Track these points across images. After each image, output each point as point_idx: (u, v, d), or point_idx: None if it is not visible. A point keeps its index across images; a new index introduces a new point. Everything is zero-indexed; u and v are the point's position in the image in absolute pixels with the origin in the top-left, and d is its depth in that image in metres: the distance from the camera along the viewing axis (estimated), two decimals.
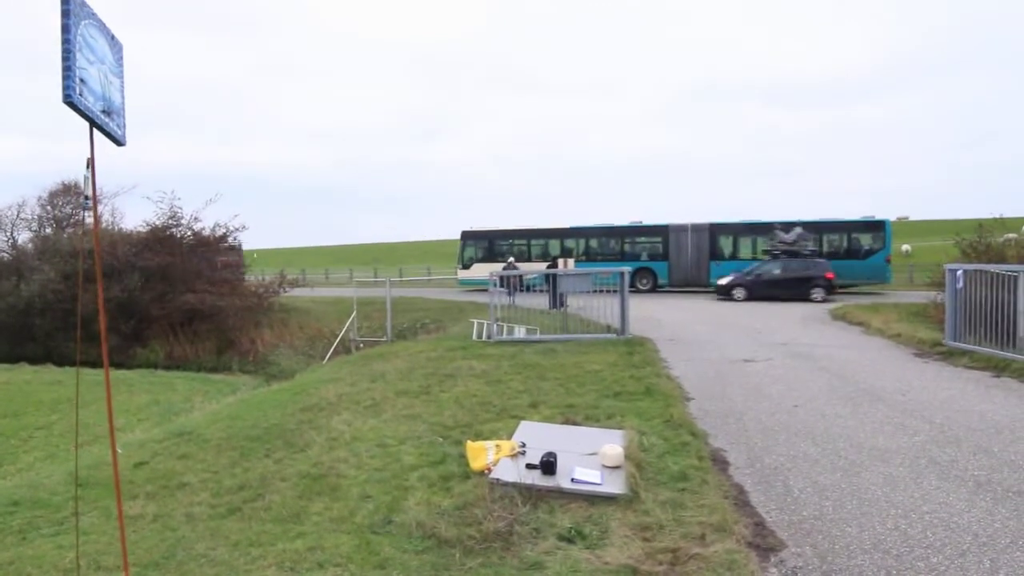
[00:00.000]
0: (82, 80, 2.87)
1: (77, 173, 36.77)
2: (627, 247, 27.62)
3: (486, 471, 5.03)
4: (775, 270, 22.34)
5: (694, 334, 13.46)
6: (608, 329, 12.68)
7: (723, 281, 22.93)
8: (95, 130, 3.08)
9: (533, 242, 29.23)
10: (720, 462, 5.48)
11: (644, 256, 27.10)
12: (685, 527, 4.08)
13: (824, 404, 7.32)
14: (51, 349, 23.17)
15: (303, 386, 10.09)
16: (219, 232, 25.87)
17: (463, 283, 30.24)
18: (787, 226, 23.50)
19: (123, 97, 3.30)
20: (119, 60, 3.27)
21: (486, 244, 29.92)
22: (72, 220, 34.17)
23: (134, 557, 4.15)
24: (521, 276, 16.55)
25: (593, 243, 27.99)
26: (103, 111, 3.07)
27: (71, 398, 14.74)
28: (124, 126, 3.29)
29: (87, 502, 5.30)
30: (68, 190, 34.47)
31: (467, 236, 30.23)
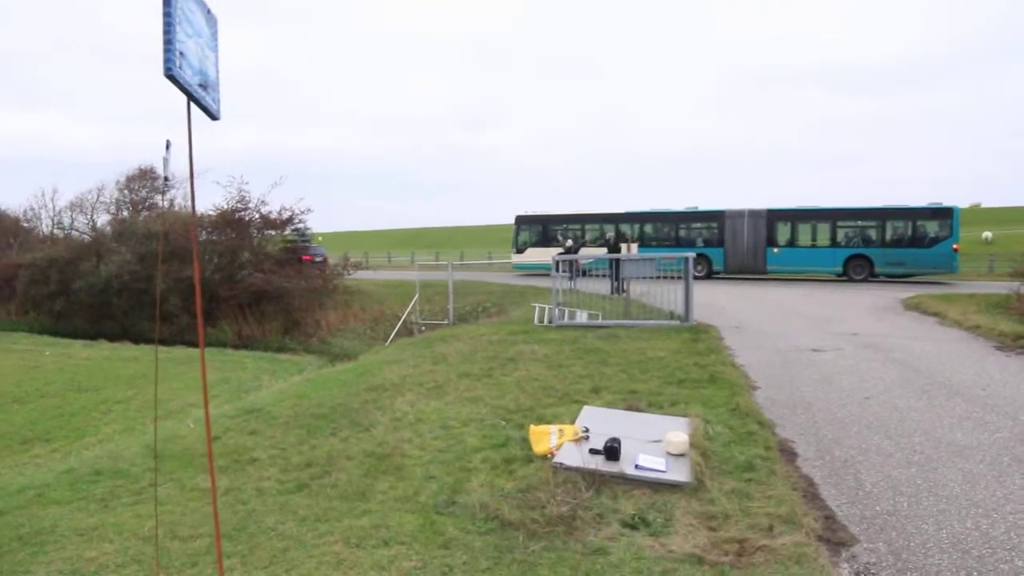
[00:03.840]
0: (181, 53, 2.87)
1: (153, 159, 38.09)
2: (682, 233, 27.20)
3: (549, 455, 5.03)
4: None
5: (759, 322, 13.16)
6: (671, 316, 12.51)
7: None
8: (192, 104, 3.09)
9: (588, 226, 29.04)
10: (788, 453, 5.35)
11: (699, 242, 26.59)
12: (752, 518, 4.00)
13: (897, 396, 7.06)
14: (128, 327, 24.20)
15: (367, 367, 10.27)
16: (285, 215, 26.46)
17: (517, 267, 30.31)
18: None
19: (218, 71, 3.31)
20: (214, 34, 3.27)
21: (540, 229, 29.83)
22: (147, 203, 35.47)
23: (206, 528, 4.29)
24: (576, 261, 16.44)
25: (648, 228, 27.61)
26: (200, 85, 3.08)
27: (147, 374, 15.35)
28: (219, 100, 3.30)
29: (163, 474, 5.51)
30: (144, 175, 35.76)
31: (521, 221, 30.24)
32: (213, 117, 3.26)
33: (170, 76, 2.82)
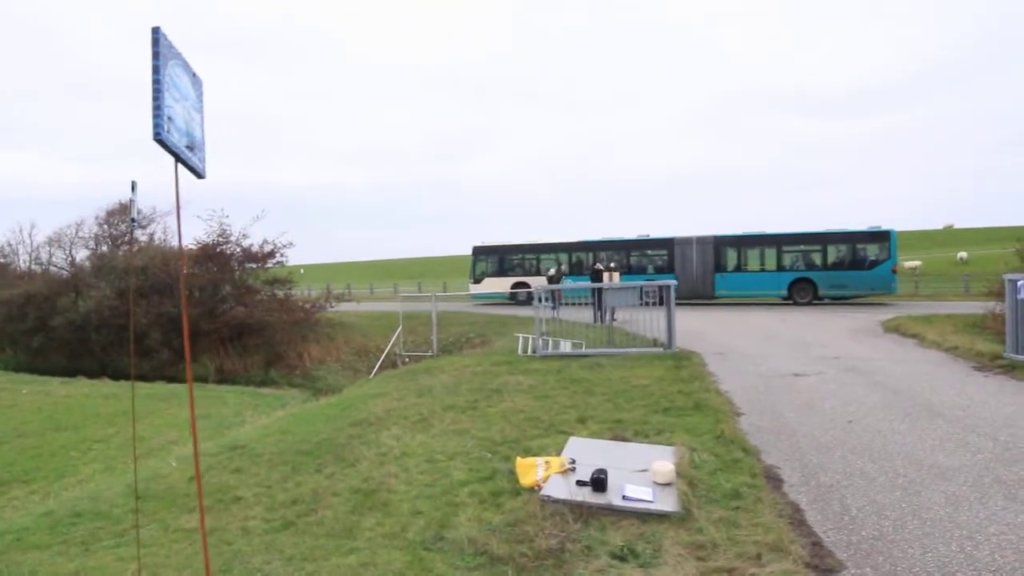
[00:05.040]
0: (170, 118, 2.99)
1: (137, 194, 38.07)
2: (634, 260, 27.81)
3: (536, 488, 5.02)
4: None
5: (740, 347, 13.25)
6: (654, 343, 12.57)
7: None
8: (179, 164, 3.20)
9: (542, 256, 29.73)
10: (774, 479, 5.37)
11: (650, 269, 27.24)
12: (740, 546, 4.00)
13: (880, 420, 7.12)
14: (107, 363, 23.91)
15: (351, 401, 10.21)
16: (267, 248, 26.40)
17: (476, 297, 30.81)
18: None
19: (203, 132, 3.43)
20: (199, 96, 3.40)
21: (496, 259, 30.44)
22: (127, 238, 35.26)
23: (192, 570, 4.24)
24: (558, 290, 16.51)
25: (601, 257, 28.06)
26: (187, 146, 3.20)
27: (127, 411, 15.13)
28: (204, 160, 3.42)
29: (145, 515, 5.44)
30: (124, 209, 35.60)
31: (478, 251, 30.79)
32: (199, 176, 3.36)
33: (159, 140, 2.93)
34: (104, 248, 35.22)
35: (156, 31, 2.96)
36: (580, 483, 4.92)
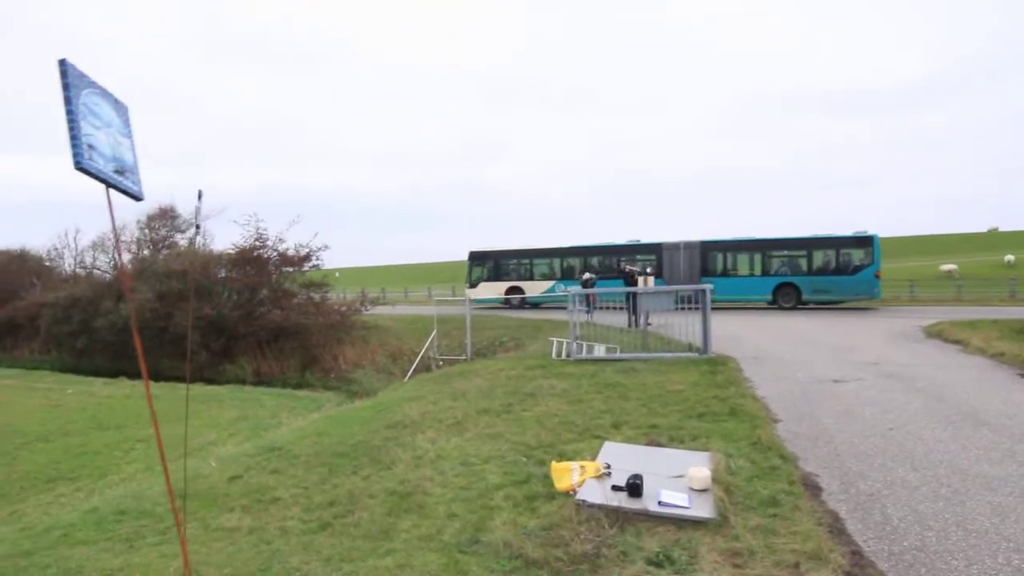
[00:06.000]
0: (90, 146, 3.04)
1: (171, 198, 38.79)
2: (624, 265, 27.63)
3: (571, 492, 5.02)
4: None
5: (776, 352, 13.07)
6: (689, 347, 12.47)
7: None
8: (111, 190, 3.26)
9: (536, 261, 29.86)
10: (812, 487, 5.29)
11: None
12: (778, 554, 3.96)
13: (922, 427, 6.98)
14: (148, 365, 24.37)
15: (386, 404, 10.30)
16: (302, 252, 26.76)
17: (476, 302, 30.71)
18: None
19: (135, 156, 3.47)
20: (126, 122, 3.45)
21: (492, 264, 30.48)
22: (168, 242, 36.00)
23: (232, 569, 4.31)
24: (592, 294, 16.45)
25: (593, 261, 28.13)
26: (116, 171, 3.24)
27: (168, 412, 15.39)
28: (139, 182, 3.46)
29: (187, 513, 5.54)
30: (164, 214, 36.35)
31: (474, 257, 30.84)
32: (136, 198, 3.42)
33: (80, 168, 3.00)
34: (145, 252, 35.99)
35: (63, 63, 3.02)
36: (615, 488, 4.91)
